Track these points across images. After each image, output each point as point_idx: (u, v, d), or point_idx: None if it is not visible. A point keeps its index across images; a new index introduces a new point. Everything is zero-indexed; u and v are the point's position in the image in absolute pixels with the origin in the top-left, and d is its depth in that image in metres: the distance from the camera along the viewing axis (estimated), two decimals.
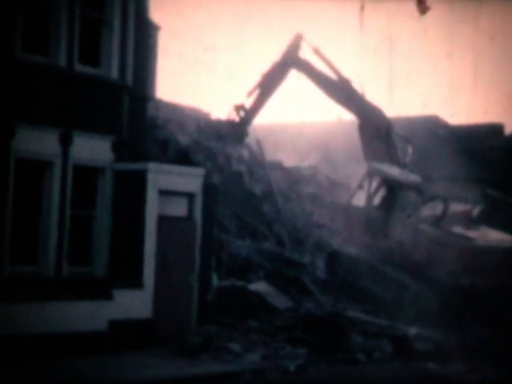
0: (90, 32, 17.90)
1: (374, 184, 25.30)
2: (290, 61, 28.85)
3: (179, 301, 18.04)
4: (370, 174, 25.41)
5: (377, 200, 25.26)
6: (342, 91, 28.22)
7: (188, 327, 17.96)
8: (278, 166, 30.71)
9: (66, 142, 17.03)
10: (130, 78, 18.59)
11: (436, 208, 24.74)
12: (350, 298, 22.65)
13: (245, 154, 28.94)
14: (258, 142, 29.32)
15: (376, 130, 27.83)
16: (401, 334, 19.22)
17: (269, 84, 29.24)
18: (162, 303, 17.61)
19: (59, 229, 16.87)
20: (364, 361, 17.52)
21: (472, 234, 23.63)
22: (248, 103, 29.52)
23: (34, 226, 16.77)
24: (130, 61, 18.58)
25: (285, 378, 15.61)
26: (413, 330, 19.60)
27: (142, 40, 19.25)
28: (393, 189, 24.76)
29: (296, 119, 37.66)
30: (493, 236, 24.12)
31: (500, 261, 22.91)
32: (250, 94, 29.52)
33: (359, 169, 26.81)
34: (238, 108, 29.70)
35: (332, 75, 28.45)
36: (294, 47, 28.82)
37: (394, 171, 25.91)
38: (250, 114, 29.66)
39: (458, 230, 23.61)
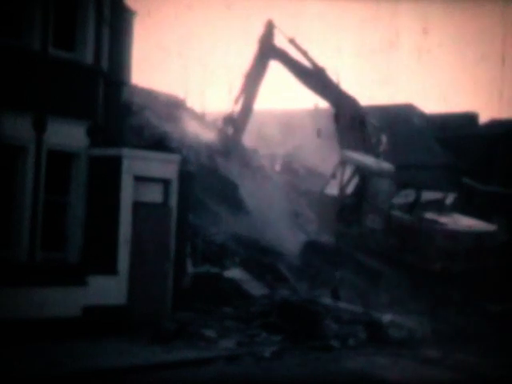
0: (65, 15, 17.69)
1: (348, 172, 25.46)
2: (267, 50, 28.89)
3: (154, 287, 17.98)
4: (343, 163, 25.58)
5: (350, 188, 25.41)
6: (317, 80, 28.37)
7: (163, 313, 17.91)
8: (254, 153, 30.73)
9: (39, 127, 16.84)
10: (105, 63, 18.43)
11: (409, 196, 24.99)
12: (324, 285, 22.72)
13: None
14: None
15: (351, 120, 27.98)
16: (375, 321, 19.32)
17: (252, 83, 29.25)
18: (136, 289, 17.53)
19: (33, 214, 16.71)
20: (338, 347, 17.58)
21: (443, 219, 23.93)
22: (236, 109, 29.55)
23: (8, 212, 16.59)
24: (105, 45, 18.41)
25: (259, 364, 15.62)
26: (387, 317, 19.71)
27: (117, 25, 19.07)
28: (365, 177, 24.92)
29: (271, 106, 37.62)
30: (464, 222, 24.45)
31: (471, 245, 23.23)
32: (236, 100, 29.54)
33: (334, 157, 26.92)
34: (228, 120, 29.65)
35: (308, 64, 28.55)
36: (268, 35, 28.91)
37: (366, 159, 26.09)
38: (240, 121, 29.67)
39: (429, 215, 23.90)
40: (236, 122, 29.73)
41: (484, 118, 37.62)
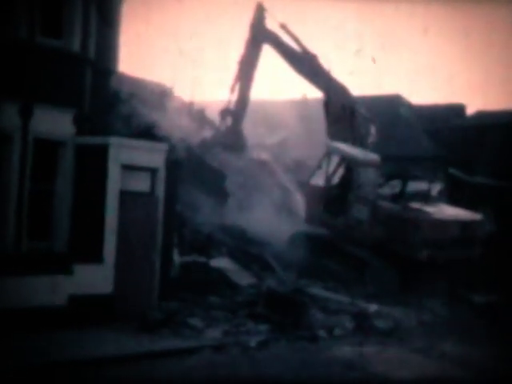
0: (52, 2, 17.55)
1: (334, 163, 25.51)
2: (259, 34, 28.76)
3: (141, 276, 17.94)
4: (329, 153, 25.63)
5: (336, 179, 25.46)
6: (309, 66, 28.29)
7: (149, 303, 17.88)
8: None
9: (26, 115, 16.72)
10: (92, 51, 18.32)
11: (395, 187, 25.07)
12: (311, 275, 22.75)
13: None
14: None
15: (341, 108, 27.90)
16: (361, 311, 19.37)
17: (247, 69, 29.11)
18: (123, 279, 17.48)
19: (18, 203, 16.60)
20: (325, 337, 17.61)
21: (429, 208, 24.04)
22: (233, 98, 29.43)
23: None
24: (93, 33, 18.30)
25: (246, 354, 15.62)
26: (373, 307, 19.78)
27: (104, 12, 18.95)
28: (351, 167, 24.98)
29: (260, 96, 37.57)
30: (450, 211, 24.57)
31: (457, 234, 23.35)
32: (232, 89, 29.37)
33: (320, 148, 26.92)
34: (226, 111, 29.52)
35: (299, 50, 28.46)
36: (259, 19, 28.75)
37: (352, 150, 26.14)
38: (239, 110, 29.51)
39: (415, 205, 24.00)
40: (234, 112, 29.57)
41: (471, 109, 37.71)
